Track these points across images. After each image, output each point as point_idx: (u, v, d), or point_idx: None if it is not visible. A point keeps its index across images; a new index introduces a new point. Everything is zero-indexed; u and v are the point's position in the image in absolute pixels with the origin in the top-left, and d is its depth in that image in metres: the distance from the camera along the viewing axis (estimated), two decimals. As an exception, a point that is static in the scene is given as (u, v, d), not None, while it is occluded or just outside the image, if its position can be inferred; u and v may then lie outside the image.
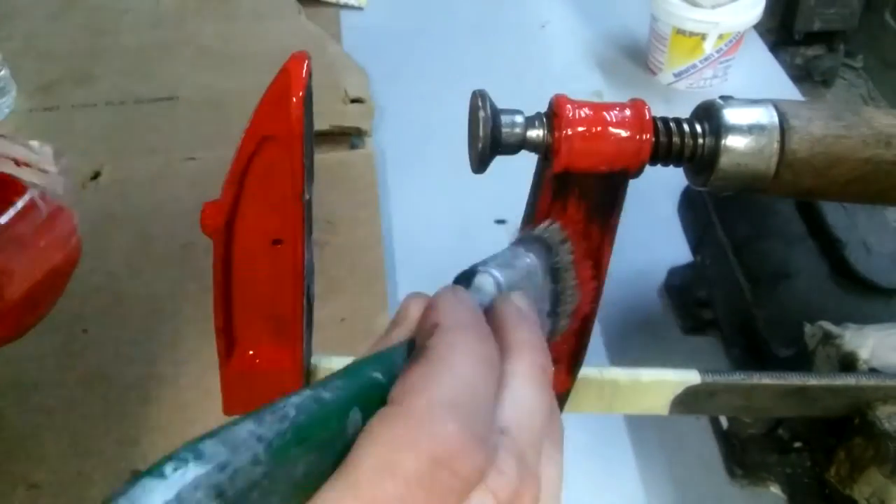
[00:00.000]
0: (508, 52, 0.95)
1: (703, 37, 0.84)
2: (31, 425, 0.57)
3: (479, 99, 0.32)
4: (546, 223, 0.34)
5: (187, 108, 0.84)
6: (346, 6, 1.01)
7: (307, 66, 0.30)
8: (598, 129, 0.32)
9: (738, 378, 0.41)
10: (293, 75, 0.30)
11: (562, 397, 0.39)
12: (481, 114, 0.32)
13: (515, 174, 0.37)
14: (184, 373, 0.60)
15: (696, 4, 0.83)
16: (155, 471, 0.17)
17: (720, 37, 0.84)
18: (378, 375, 0.22)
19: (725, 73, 0.89)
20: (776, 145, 0.34)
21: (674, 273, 0.66)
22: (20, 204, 0.44)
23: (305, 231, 0.34)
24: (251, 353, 0.37)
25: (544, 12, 1.03)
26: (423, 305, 0.26)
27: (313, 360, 0.39)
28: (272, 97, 0.30)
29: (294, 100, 0.30)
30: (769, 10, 0.88)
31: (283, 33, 0.94)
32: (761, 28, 0.94)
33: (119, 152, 0.79)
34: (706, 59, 0.86)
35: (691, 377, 0.40)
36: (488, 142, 0.32)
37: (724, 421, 0.53)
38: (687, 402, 0.40)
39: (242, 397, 0.38)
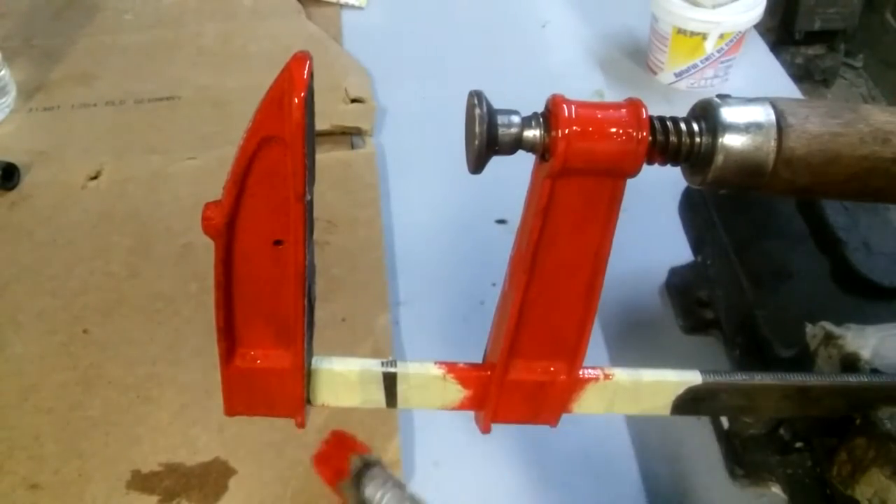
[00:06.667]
0: (508, 52, 0.95)
1: (704, 36, 0.84)
2: (31, 425, 0.57)
3: (475, 98, 0.32)
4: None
5: (187, 108, 0.84)
6: (346, 6, 1.01)
7: (309, 66, 0.30)
8: (595, 128, 0.32)
9: (740, 378, 0.40)
10: (295, 76, 0.29)
11: (563, 397, 0.39)
12: (477, 112, 0.32)
13: (515, 174, 0.36)
14: (184, 373, 0.60)
15: (696, 4, 0.83)
16: None
17: (721, 36, 0.84)
18: None
19: (726, 72, 0.89)
20: (773, 143, 0.33)
21: (674, 273, 0.66)
22: None
23: (307, 232, 0.34)
24: (252, 353, 0.37)
25: (544, 12, 1.03)
26: None
27: (314, 360, 0.39)
28: (273, 98, 0.30)
29: (296, 101, 0.30)
30: (769, 9, 0.88)
31: (283, 33, 0.94)
32: (761, 27, 0.94)
33: (119, 152, 0.79)
34: (707, 59, 0.86)
35: (693, 377, 0.40)
36: (484, 142, 0.32)
37: (724, 421, 0.53)
38: (688, 402, 0.40)
39: (243, 398, 0.38)
